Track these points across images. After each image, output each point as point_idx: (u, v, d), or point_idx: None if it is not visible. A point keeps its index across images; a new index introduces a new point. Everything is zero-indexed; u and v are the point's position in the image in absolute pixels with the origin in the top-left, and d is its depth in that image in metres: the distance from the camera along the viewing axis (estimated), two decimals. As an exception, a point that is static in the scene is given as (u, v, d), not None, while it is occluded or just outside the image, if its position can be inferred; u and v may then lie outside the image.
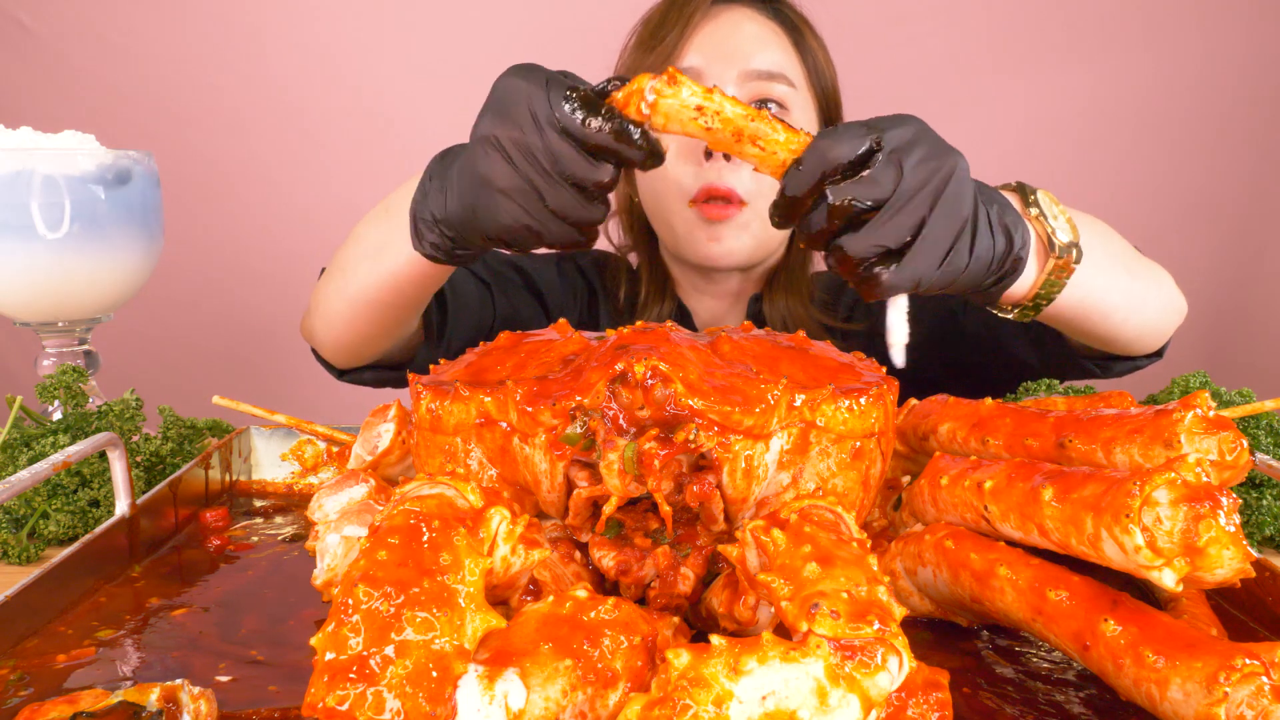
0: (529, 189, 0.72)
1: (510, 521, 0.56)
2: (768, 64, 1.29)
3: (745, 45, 1.29)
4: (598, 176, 0.71)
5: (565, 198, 0.72)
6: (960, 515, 0.67)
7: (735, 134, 0.67)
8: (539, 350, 0.73)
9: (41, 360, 1.22)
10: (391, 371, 1.20)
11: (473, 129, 0.75)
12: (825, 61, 1.37)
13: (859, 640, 0.46)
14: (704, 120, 0.67)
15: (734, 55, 1.28)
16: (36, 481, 0.75)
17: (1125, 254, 1.00)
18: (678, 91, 0.66)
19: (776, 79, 1.29)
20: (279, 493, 1.04)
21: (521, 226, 0.74)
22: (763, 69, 1.28)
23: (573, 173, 0.71)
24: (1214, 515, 0.53)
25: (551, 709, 0.47)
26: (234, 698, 0.59)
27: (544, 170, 0.71)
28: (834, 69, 1.38)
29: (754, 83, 1.28)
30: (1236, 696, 0.50)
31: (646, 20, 1.37)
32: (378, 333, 1.08)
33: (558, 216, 0.73)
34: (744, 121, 0.67)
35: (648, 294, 1.44)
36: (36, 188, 1.13)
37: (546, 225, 0.73)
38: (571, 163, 0.70)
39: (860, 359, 0.79)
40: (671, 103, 0.66)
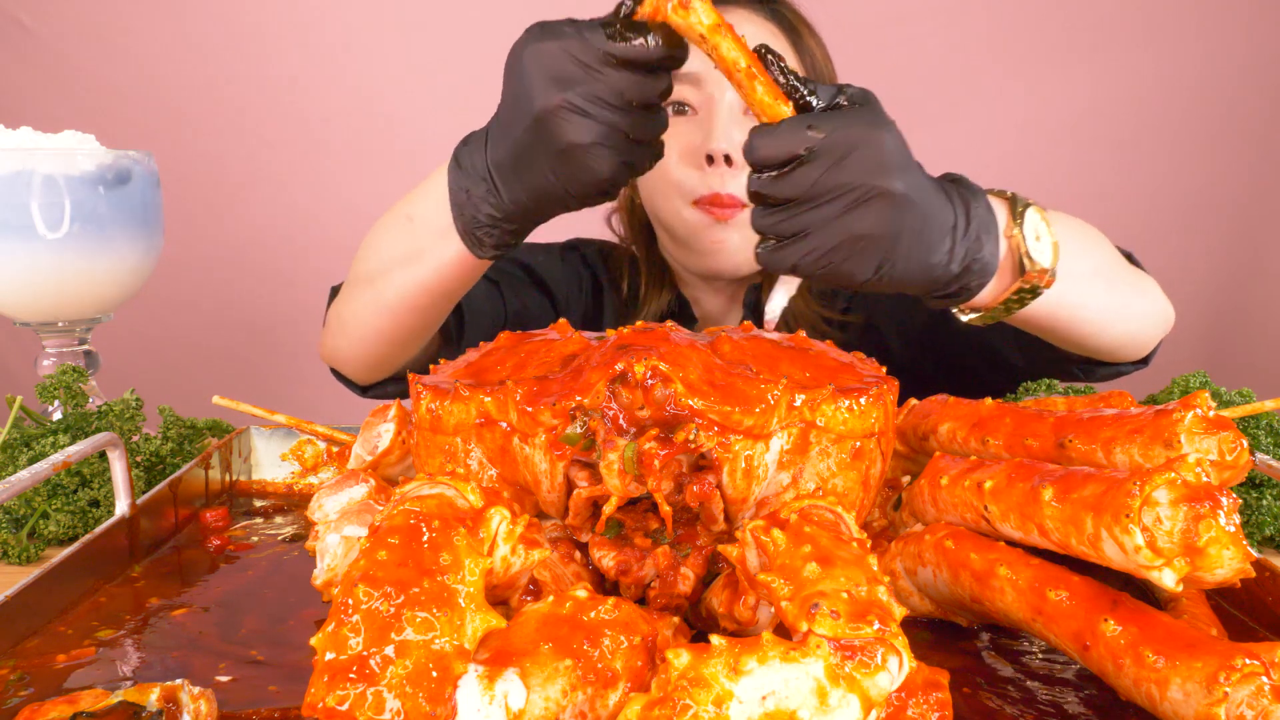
0: (612, 130, 0.74)
1: (510, 521, 0.56)
2: None
3: None
4: (660, 88, 0.75)
5: (643, 122, 0.75)
6: (960, 515, 0.67)
7: (726, 70, 0.70)
8: (539, 350, 0.73)
9: (41, 360, 1.22)
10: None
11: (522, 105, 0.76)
12: (824, 61, 1.37)
13: (859, 640, 0.46)
14: (707, 44, 0.70)
15: None
16: (36, 481, 0.75)
17: (1108, 265, 0.99)
18: (687, 15, 0.69)
19: None
20: (279, 493, 1.04)
21: (619, 167, 0.76)
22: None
23: (639, 96, 0.73)
24: (1214, 515, 0.53)
25: (551, 709, 0.47)
26: (234, 698, 0.59)
27: (616, 109, 0.73)
28: (833, 68, 1.38)
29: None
30: (1236, 696, 0.50)
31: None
32: (410, 339, 1.08)
33: (640, 144, 0.76)
34: (733, 66, 0.70)
35: (648, 286, 1.44)
36: (36, 188, 1.13)
37: (636, 156, 0.76)
38: (637, 87, 0.73)
39: (860, 359, 0.79)
40: (679, 21, 0.70)
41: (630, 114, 0.74)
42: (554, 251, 1.50)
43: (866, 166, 0.70)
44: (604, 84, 0.72)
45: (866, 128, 0.71)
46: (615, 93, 0.72)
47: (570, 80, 0.72)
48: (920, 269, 0.76)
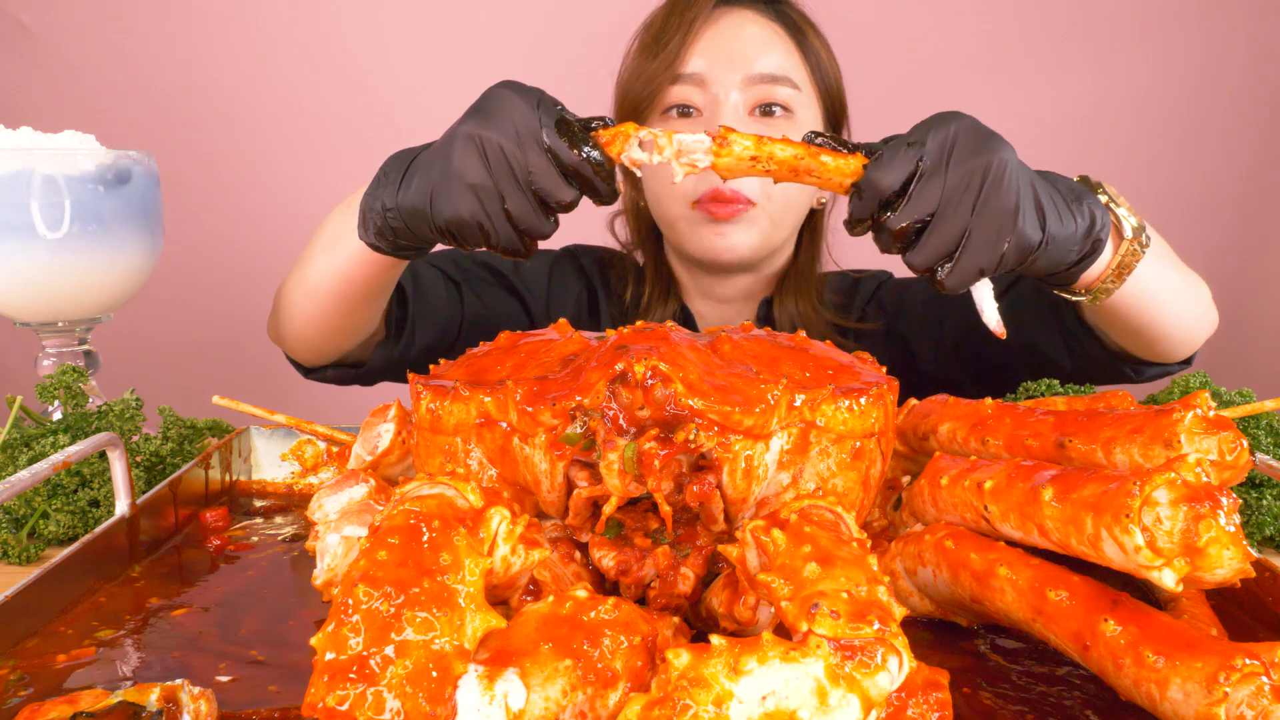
0: (494, 190, 0.77)
1: (510, 521, 0.56)
2: (771, 67, 1.29)
3: (748, 49, 1.29)
4: (561, 196, 0.77)
5: (525, 206, 0.77)
6: (960, 515, 0.67)
7: (791, 170, 0.75)
8: (539, 350, 0.73)
9: (41, 360, 1.22)
10: (353, 369, 1.20)
11: (454, 126, 0.79)
12: (829, 62, 1.37)
13: (859, 640, 0.46)
14: (761, 165, 0.74)
15: (737, 59, 1.28)
16: (36, 481, 0.75)
17: (1173, 255, 1.01)
18: (730, 150, 0.74)
19: (780, 82, 1.29)
20: (279, 493, 1.04)
21: (475, 222, 0.78)
22: (766, 72, 1.28)
23: (542, 187, 0.76)
24: (1214, 515, 0.53)
25: (551, 709, 0.47)
26: (234, 698, 0.59)
27: (514, 177, 0.76)
28: (838, 69, 1.38)
29: (758, 87, 1.28)
30: (1236, 696, 0.50)
31: (648, 25, 1.37)
32: (336, 327, 1.08)
33: (510, 221, 0.78)
34: (797, 161, 0.74)
35: (652, 295, 1.43)
36: (36, 188, 1.13)
37: (497, 226, 0.78)
38: (544, 178, 0.76)
39: (861, 359, 0.79)
40: (728, 161, 0.74)
41: (521, 192, 0.76)
42: (543, 259, 1.49)
43: (972, 148, 0.73)
44: (520, 152, 0.76)
45: (945, 120, 0.75)
46: (524, 165, 0.76)
47: (499, 127, 0.76)
48: (1059, 233, 0.78)
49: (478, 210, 0.77)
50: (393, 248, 0.88)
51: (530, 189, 0.76)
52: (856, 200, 0.75)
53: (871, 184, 0.73)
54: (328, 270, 0.99)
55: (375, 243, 0.88)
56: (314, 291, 1.03)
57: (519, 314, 1.42)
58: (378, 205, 0.85)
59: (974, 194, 0.73)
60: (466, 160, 0.77)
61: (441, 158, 0.79)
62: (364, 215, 0.88)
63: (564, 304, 1.46)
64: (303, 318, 1.07)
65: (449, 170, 0.78)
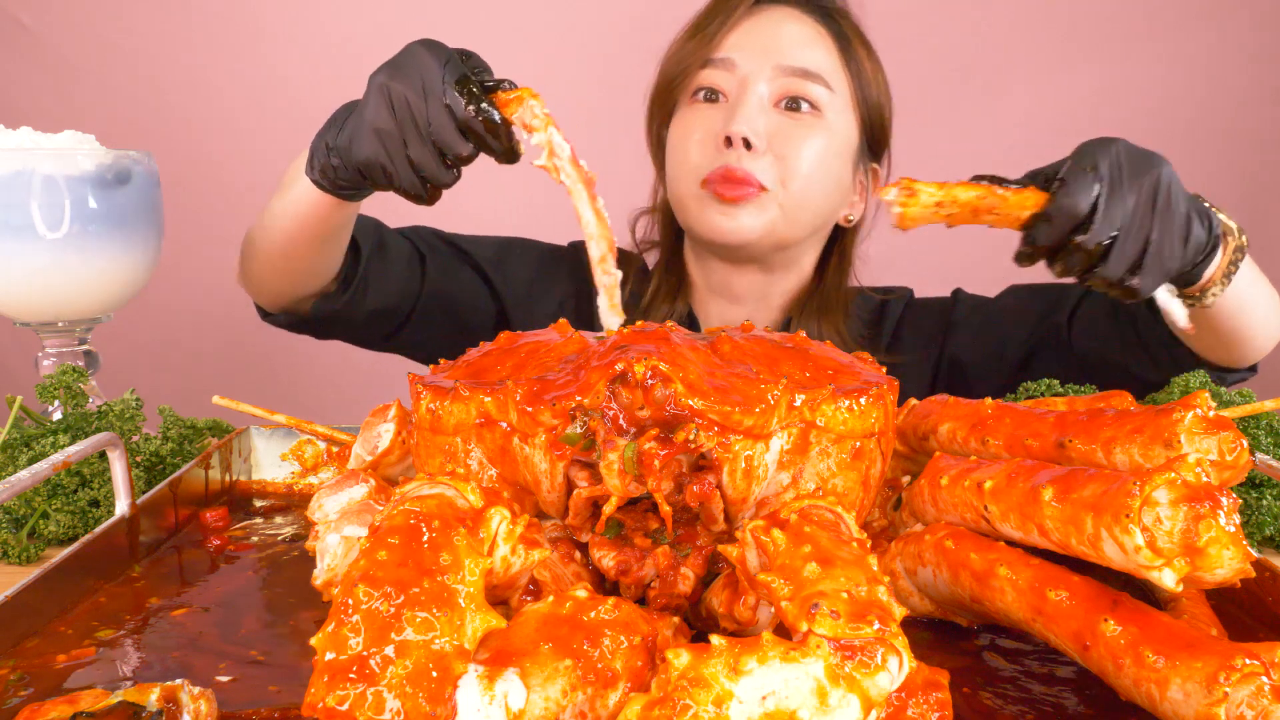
0: (398, 136, 0.85)
1: (510, 521, 0.56)
2: (804, 62, 1.27)
3: (784, 41, 1.28)
4: (458, 150, 0.84)
5: (425, 155, 0.85)
6: (960, 515, 0.67)
7: (972, 211, 0.81)
8: (539, 350, 0.73)
9: (41, 360, 1.22)
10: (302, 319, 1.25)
11: (370, 76, 0.88)
12: (874, 77, 1.34)
13: (859, 640, 0.46)
14: (944, 210, 0.81)
15: (770, 49, 1.28)
16: (36, 481, 0.75)
17: (1253, 263, 1.05)
18: (916, 199, 0.80)
19: (812, 79, 1.27)
20: (279, 493, 1.04)
21: (379, 164, 0.87)
22: (798, 66, 1.27)
23: (441, 139, 0.83)
24: (1214, 515, 0.53)
25: (551, 709, 0.47)
26: (234, 698, 0.59)
27: (415, 127, 0.84)
28: (887, 90, 1.35)
29: (787, 79, 1.27)
30: (1236, 696, 0.50)
31: (695, 16, 1.37)
32: (289, 269, 1.15)
33: (412, 167, 0.86)
34: (978, 201, 0.81)
35: (657, 293, 1.41)
36: (36, 188, 1.13)
37: (399, 170, 0.86)
38: (442, 130, 0.83)
39: (861, 359, 0.79)
40: (916, 210, 0.80)
41: (421, 141, 0.84)
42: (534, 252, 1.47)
43: (1140, 165, 0.83)
44: (423, 105, 0.83)
45: (1105, 144, 0.84)
46: (424, 117, 0.83)
47: (406, 81, 0.84)
48: (1198, 237, 0.87)
49: (381, 153, 0.86)
50: (333, 186, 0.97)
51: (430, 140, 0.84)
52: (1045, 227, 0.81)
53: (1065, 210, 0.80)
54: (282, 211, 1.06)
55: (319, 180, 0.97)
56: (270, 230, 1.10)
57: (485, 299, 1.41)
58: (322, 145, 0.94)
59: (1152, 205, 0.82)
60: (377, 109, 0.85)
61: (360, 104, 0.88)
62: (311, 155, 0.97)
63: (547, 300, 1.44)
64: (262, 257, 1.14)
65: (362, 116, 0.87)
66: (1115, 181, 0.81)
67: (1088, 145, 0.84)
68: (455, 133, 0.83)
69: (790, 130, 1.27)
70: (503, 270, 1.43)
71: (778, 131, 1.26)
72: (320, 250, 1.13)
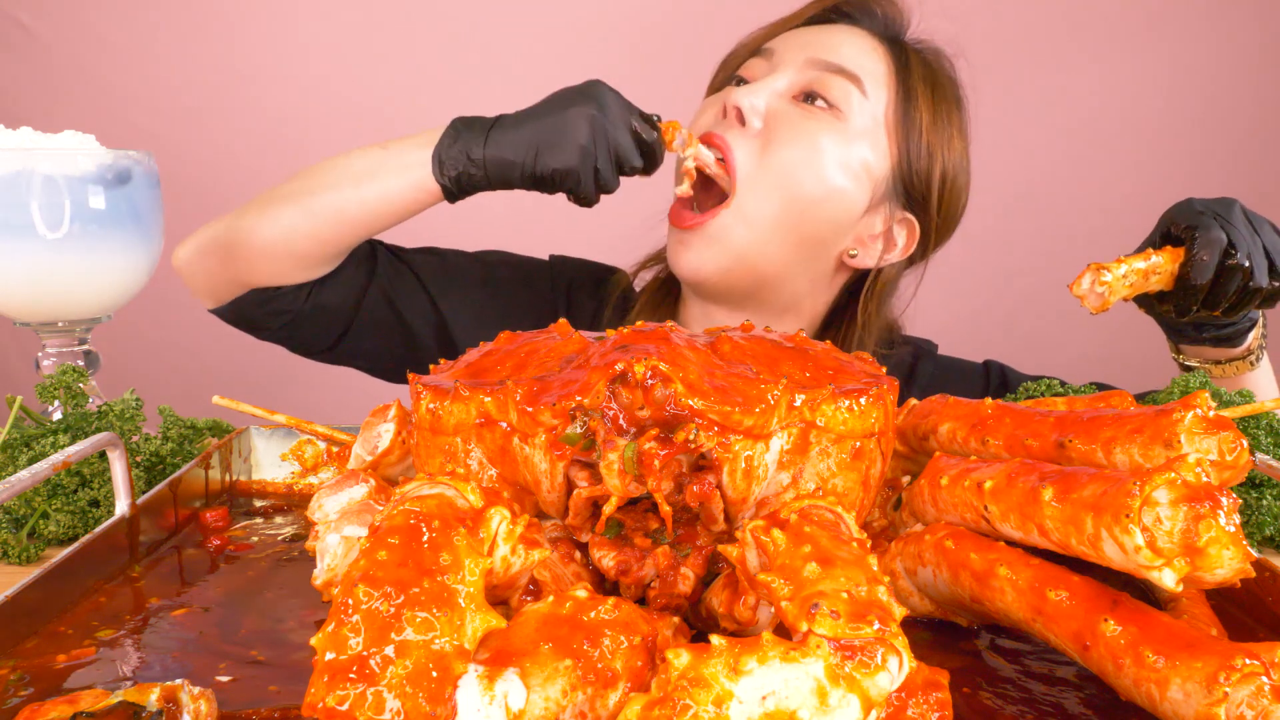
0: (591, 149, 1.09)
1: (510, 521, 0.56)
2: (843, 59, 1.19)
3: (830, 41, 1.22)
4: (635, 162, 1.12)
5: (606, 165, 1.10)
6: (960, 515, 0.67)
7: (1145, 276, 0.95)
8: (539, 350, 0.73)
9: (41, 360, 1.22)
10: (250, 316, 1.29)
11: (570, 104, 1.11)
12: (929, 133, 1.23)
13: (859, 640, 0.46)
14: (1128, 281, 0.94)
15: (814, 46, 1.21)
16: (36, 481, 0.75)
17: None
18: (1115, 269, 0.94)
19: (847, 76, 1.19)
20: (279, 493, 1.04)
21: (571, 168, 1.09)
22: (835, 61, 1.19)
23: (624, 155, 1.11)
24: (1214, 515, 0.53)
25: (551, 709, 0.47)
26: (234, 698, 0.59)
27: (607, 145, 1.09)
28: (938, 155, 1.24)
29: (816, 71, 1.19)
30: (1236, 696, 0.50)
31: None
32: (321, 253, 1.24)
33: (595, 176, 1.10)
34: (1147, 265, 0.95)
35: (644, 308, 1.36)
36: (36, 188, 1.13)
37: (585, 176, 1.10)
38: (626, 149, 1.11)
39: (861, 359, 0.79)
40: (1118, 285, 0.93)
41: (607, 155, 1.10)
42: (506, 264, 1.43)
43: (1222, 202, 0.99)
44: (615, 130, 1.10)
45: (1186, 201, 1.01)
46: (614, 140, 1.10)
47: (606, 113, 1.10)
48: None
49: (574, 160, 1.08)
50: (459, 188, 1.15)
51: (613, 154, 1.10)
52: (1202, 265, 0.95)
53: (1213, 243, 0.95)
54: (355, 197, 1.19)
55: (448, 184, 1.15)
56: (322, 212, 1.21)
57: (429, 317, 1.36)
58: (462, 155, 1.13)
59: (1249, 223, 0.98)
60: (581, 128, 1.08)
61: (559, 123, 1.09)
62: (440, 162, 1.14)
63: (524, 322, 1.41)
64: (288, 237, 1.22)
65: (564, 132, 1.09)
66: (1220, 214, 0.95)
67: (1174, 207, 1.00)
68: (634, 150, 1.11)
69: (793, 118, 1.18)
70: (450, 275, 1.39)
71: (780, 115, 1.18)
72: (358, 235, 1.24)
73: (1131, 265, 0.94)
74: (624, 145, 1.09)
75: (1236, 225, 0.96)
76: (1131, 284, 0.94)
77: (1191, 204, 0.99)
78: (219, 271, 1.27)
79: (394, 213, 1.20)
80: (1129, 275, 0.93)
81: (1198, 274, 0.95)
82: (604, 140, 1.08)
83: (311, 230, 1.22)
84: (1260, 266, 0.97)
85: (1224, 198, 1.00)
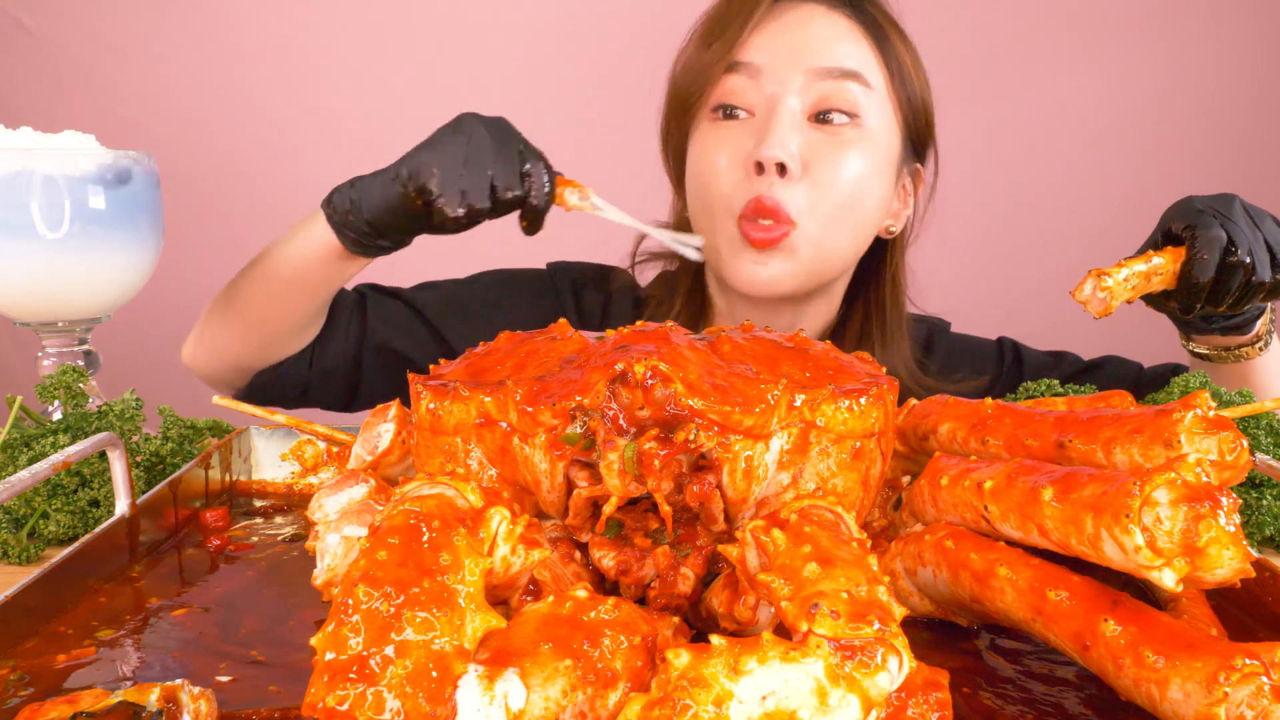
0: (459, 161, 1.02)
1: (510, 521, 0.56)
2: (837, 60, 1.17)
3: (814, 39, 1.18)
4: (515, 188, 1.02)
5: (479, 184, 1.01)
6: (960, 515, 0.67)
7: (1146, 278, 0.95)
8: (539, 350, 0.73)
9: (41, 360, 1.22)
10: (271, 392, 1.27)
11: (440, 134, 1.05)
12: (914, 70, 1.24)
13: (859, 640, 0.46)
14: (1130, 284, 0.94)
15: (801, 51, 1.17)
16: (36, 481, 0.75)
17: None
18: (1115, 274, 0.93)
19: (851, 77, 1.17)
20: (279, 493, 1.04)
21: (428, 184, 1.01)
22: (834, 66, 1.17)
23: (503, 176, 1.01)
24: (1214, 515, 0.53)
25: (551, 709, 0.47)
26: (234, 698, 0.59)
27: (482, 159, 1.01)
28: (927, 82, 1.26)
29: (824, 83, 1.17)
30: (1236, 696, 0.50)
31: (706, 17, 1.27)
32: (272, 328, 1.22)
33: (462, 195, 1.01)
34: (1148, 267, 0.95)
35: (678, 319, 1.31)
36: (36, 188, 1.13)
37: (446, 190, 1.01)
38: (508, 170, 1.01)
39: (861, 359, 0.79)
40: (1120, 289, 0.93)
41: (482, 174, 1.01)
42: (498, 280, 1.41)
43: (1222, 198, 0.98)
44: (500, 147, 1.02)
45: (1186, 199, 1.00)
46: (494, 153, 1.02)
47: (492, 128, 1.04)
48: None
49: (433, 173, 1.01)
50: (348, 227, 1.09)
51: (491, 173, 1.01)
52: (1203, 262, 0.94)
53: (1213, 241, 0.94)
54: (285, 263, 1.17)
55: (333, 214, 1.10)
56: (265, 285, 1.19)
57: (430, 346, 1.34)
58: (346, 190, 1.09)
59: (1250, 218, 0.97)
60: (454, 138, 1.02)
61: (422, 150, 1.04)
62: (330, 202, 1.10)
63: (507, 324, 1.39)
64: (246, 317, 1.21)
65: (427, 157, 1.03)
66: (1220, 211, 0.95)
67: (1174, 205, 0.99)
68: (517, 175, 1.01)
69: (826, 150, 1.17)
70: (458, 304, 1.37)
71: (813, 152, 1.17)
72: (314, 303, 1.21)
73: (1133, 269, 0.94)
74: (507, 165, 1.01)
75: (1237, 222, 0.96)
76: (1134, 286, 0.94)
77: (1191, 202, 0.99)
78: (219, 363, 1.26)
79: (312, 269, 1.16)
80: (1130, 279, 0.93)
81: (1199, 273, 0.95)
82: (482, 152, 1.01)
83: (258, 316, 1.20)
84: (1262, 261, 0.96)
85: (1224, 194, 0.99)
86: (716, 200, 1.20)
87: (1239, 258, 0.94)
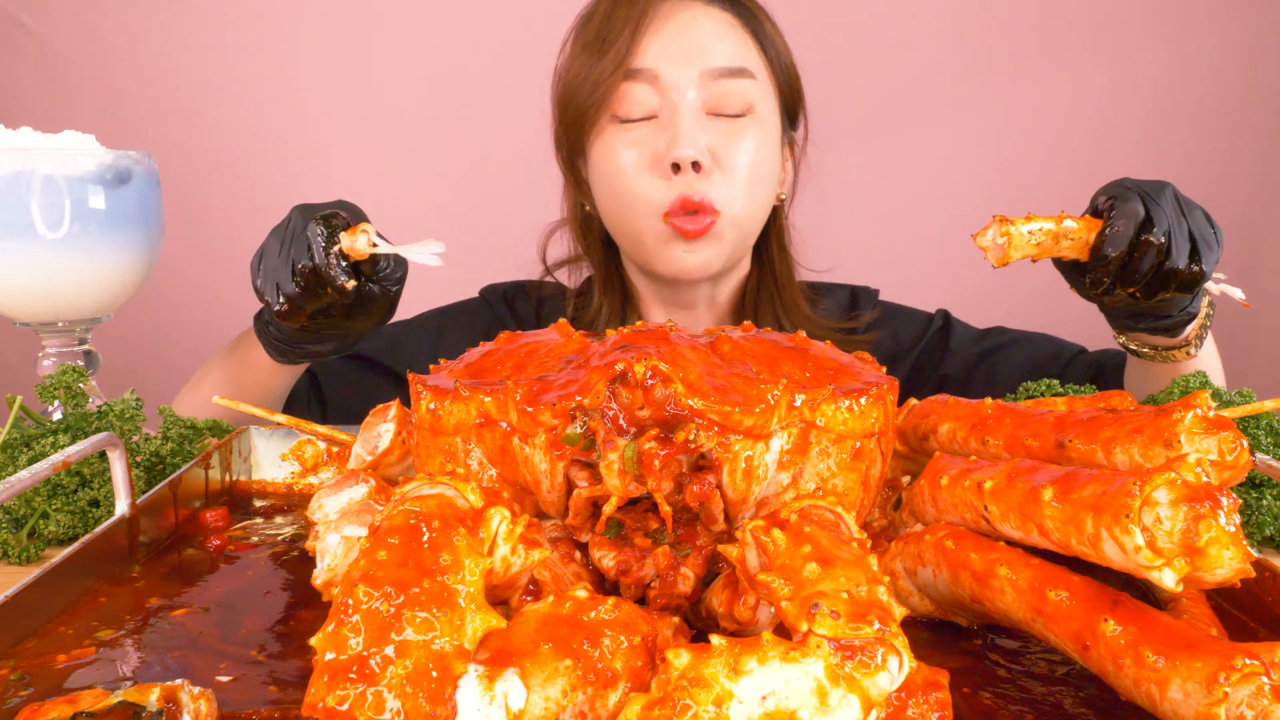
0: (274, 263, 0.98)
1: (510, 521, 0.56)
2: (728, 59, 1.25)
3: (703, 39, 1.25)
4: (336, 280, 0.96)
5: (282, 269, 0.97)
6: (960, 515, 0.67)
7: (1054, 240, 0.93)
8: (539, 350, 0.73)
9: (41, 360, 1.22)
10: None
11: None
12: (783, 46, 1.33)
13: (859, 640, 0.46)
14: (1032, 240, 0.92)
15: (692, 53, 1.24)
16: (36, 481, 0.75)
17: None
18: (1020, 225, 0.92)
19: (740, 75, 1.25)
20: (279, 493, 1.04)
21: (256, 283, 0.99)
22: (724, 65, 1.24)
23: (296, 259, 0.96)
24: (1214, 515, 0.53)
25: (551, 709, 0.47)
26: (234, 698, 0.59)
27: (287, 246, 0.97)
28: (791, 54, 1.34)
29: (717, 82, 1.24)
30: (1236, 696, 0.50)
31: (587, 18, 1.31)
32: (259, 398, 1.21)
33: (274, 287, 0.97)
34: (1059, 227, 0.93)
35: (599, 310, 1.39)
36: (36, 188, 1.13)
37: (265, 279, 0.98)
38: (299, 253, 0.96)
39: (861, 359, 0.79)
40: (1020, 240, 0.91)
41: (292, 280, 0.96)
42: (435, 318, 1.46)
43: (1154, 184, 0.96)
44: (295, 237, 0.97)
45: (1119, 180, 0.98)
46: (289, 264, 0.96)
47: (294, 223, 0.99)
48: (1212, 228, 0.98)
49: (258, 281, 0.99)
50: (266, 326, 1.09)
51: (291, 264, 0.96)
52: (1117, 236, 0.91)
53: (1129, 214, 0.92)
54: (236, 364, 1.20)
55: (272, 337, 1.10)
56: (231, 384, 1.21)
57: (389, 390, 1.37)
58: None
59: (1178, 206, 0.94)
60: (268, 246, 0.99)
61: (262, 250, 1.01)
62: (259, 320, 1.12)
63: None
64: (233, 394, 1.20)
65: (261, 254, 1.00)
66: (1148, 193, 0.93)
67: (1108, 184, 0.97)
68: (305, 248, 0.94)
69: (728, 140, 1.25)
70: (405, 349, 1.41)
71: (718, 143, 1.25)
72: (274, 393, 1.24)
73: (1041, 225, 0.92)
74: (296, 254, 0.96)
75: (1162, 205, 0.94)
76: (1039, 243, 0.92)
77: (1122, 181, 0.98)
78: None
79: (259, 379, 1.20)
80: (1036, 235, 0.91)
81: (1110, 245, 0.92)
82: (285, 253, 0.96)
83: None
84: (1180, 248, 0.94)
85: (1159, 180, 0.98)
86: (636, 201, 1.26)
87: (1153, 236, 0.92)
